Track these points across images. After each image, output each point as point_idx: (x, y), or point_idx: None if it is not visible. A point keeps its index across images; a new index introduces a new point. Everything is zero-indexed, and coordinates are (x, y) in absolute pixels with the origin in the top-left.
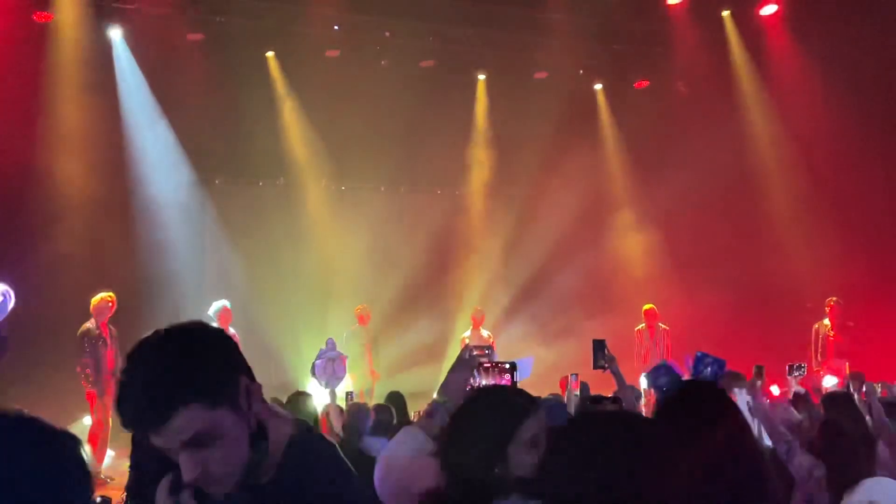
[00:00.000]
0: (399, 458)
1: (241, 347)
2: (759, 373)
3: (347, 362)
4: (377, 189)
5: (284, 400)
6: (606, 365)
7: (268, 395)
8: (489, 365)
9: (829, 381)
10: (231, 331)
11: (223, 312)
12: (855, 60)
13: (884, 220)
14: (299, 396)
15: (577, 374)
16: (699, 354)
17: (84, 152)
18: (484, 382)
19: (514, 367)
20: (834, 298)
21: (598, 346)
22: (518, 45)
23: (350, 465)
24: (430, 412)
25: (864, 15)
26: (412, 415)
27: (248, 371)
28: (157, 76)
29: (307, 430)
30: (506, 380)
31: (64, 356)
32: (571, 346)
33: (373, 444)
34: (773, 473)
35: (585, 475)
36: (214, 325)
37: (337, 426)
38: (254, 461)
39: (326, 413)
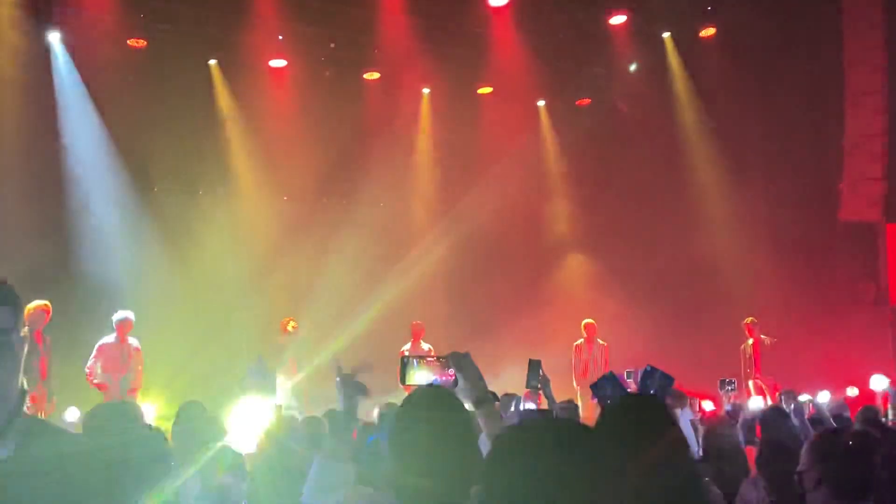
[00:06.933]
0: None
1: (143, 356)
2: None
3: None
4: (319, 200)
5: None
6: (539, 385)
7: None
8: (433, 359)
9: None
10: (132, 342)
11: (123, 322)
12: (789, 81)
13: (817, 236)
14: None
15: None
16: (648, 368)
17: (20, 158)
18: (425, 378)
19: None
20: (750, 318)
21: (534, 365)
22: (462, 60)
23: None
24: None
25: (797, 35)
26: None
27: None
28: (96, 82)
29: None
30: (448, 374)
31: None
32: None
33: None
34: (710, 489)
35: (528, 483)
36: (112, 333)
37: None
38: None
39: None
